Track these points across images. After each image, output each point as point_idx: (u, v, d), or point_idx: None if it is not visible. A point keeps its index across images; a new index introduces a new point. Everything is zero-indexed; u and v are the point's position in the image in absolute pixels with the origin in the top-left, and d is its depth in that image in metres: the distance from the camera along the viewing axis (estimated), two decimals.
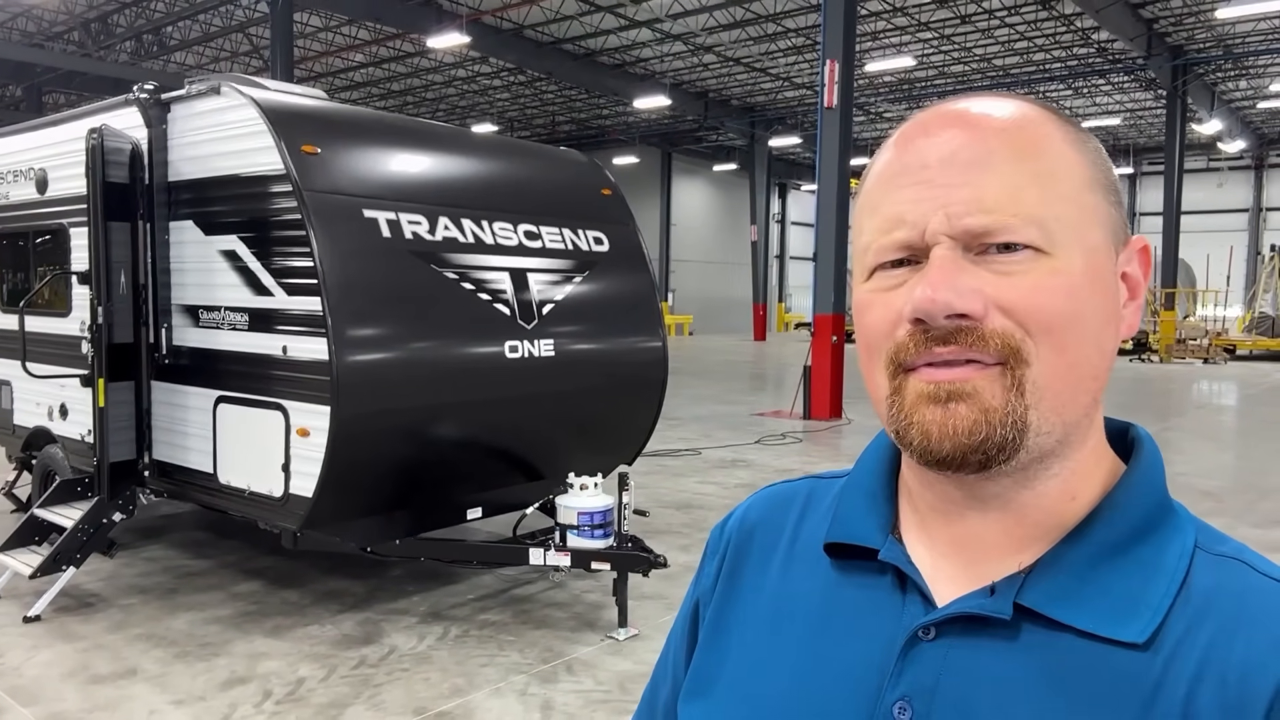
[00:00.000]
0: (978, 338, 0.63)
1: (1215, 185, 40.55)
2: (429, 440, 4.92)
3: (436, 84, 30.46)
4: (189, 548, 6.27)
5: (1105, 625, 0.63)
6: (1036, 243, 0.63)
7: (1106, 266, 0.66)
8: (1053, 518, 0.67)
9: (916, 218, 0.65)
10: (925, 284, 0.63)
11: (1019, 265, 0.63)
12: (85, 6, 23.26)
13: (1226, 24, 23.20)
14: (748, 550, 0.83)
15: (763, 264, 34.90)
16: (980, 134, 0.65)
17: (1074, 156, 0.66)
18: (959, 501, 0.69)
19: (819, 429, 12.23)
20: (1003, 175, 0.64)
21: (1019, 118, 0.66)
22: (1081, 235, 0.65)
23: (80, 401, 5.70)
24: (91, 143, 5.08)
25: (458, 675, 4.29)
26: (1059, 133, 0.67)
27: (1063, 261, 0.63)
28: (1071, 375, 0.64)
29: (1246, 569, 0.65)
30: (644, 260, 6.26)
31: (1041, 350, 0.63)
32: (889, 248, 0.67)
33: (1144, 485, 0.69)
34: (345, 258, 4.54)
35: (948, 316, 0.63)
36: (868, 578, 0.73)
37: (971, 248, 0.64)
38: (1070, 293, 0.63)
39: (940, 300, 0.62)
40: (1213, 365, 24.02)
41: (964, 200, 0.63)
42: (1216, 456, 10.54)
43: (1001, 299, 0.63)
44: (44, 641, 4.61)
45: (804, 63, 27.18)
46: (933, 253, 0.64)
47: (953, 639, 0.66)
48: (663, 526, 6.89)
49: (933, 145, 0.66)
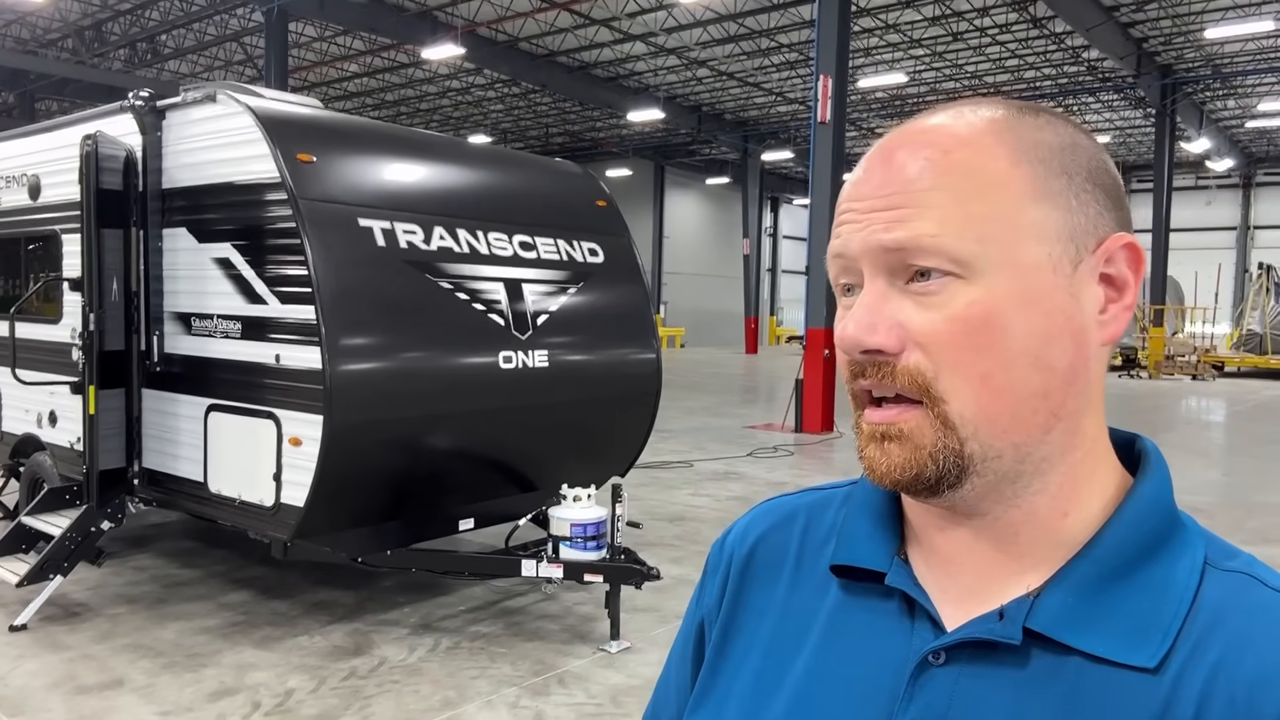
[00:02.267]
0: (888, 373, 0.65)
1: (1204, 203, 40.84)
2: (422, 450, 4.90)
3: (431, 95, 30.49)
4: (177, 557, 6.22)
5: (1116, 649, 0.62)
6: (953, 269, 0.63)
7: (1046, 281, 0.63)
8: (1049, 535, 0.66)
9: (845, 247, 0.67)
10: (846, 318, 0.66)
11: (936, 296, 0.63)
12: (80, 14, 23.23)
13: (1215, 44, 23.43)
14: (751, 568, 0.82)
15: (754, 277, 34.99)
16: (903, 163, 0.65)
17: (1013, 172, 0.64)
18: (945, 519, 0.69)
19: (811, 442, 12.24)
20: (924, 198, 0.64)
21: (963, 135, 0.65)
22: (1012, 256, 0.63)
23: (70, 409, 5.66)
24: (86, 149, 5.06)
25: (449, 687, 4.25)
26: (1001, 147, 0.64)
27: (983, 289, 0.62)
28: (1004, 401, 0.63)
29: (1256, 584, 0.64)
30: (638, 272, 6.26)
31: (958, 384, 0.63)
32: (837, 272, 0.69)
33: (1152, 501, 0.67)
34: (339, 266, 4.52)
35: (863, 352, 0.65)
36: (875, 600, 0.72)
37: (898, 274, 0.64)
38: (988, 322, 0.62)
39: (848, 337, 0.65)
40: (1201, 382, 24.14)
41: (883, 221, 0.64)
42: (1205, 473, 10.58)
43: (919, 333, 0.64)
44: (30, 651, 4.56)
45: (797, 78, 27.33)
46: (864, 286, 0.66)
47: (963, 664, 0.65)
48: (655, 539, 6.88)
49: (863, 178, 0.68)
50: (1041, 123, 0.67)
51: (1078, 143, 0.67)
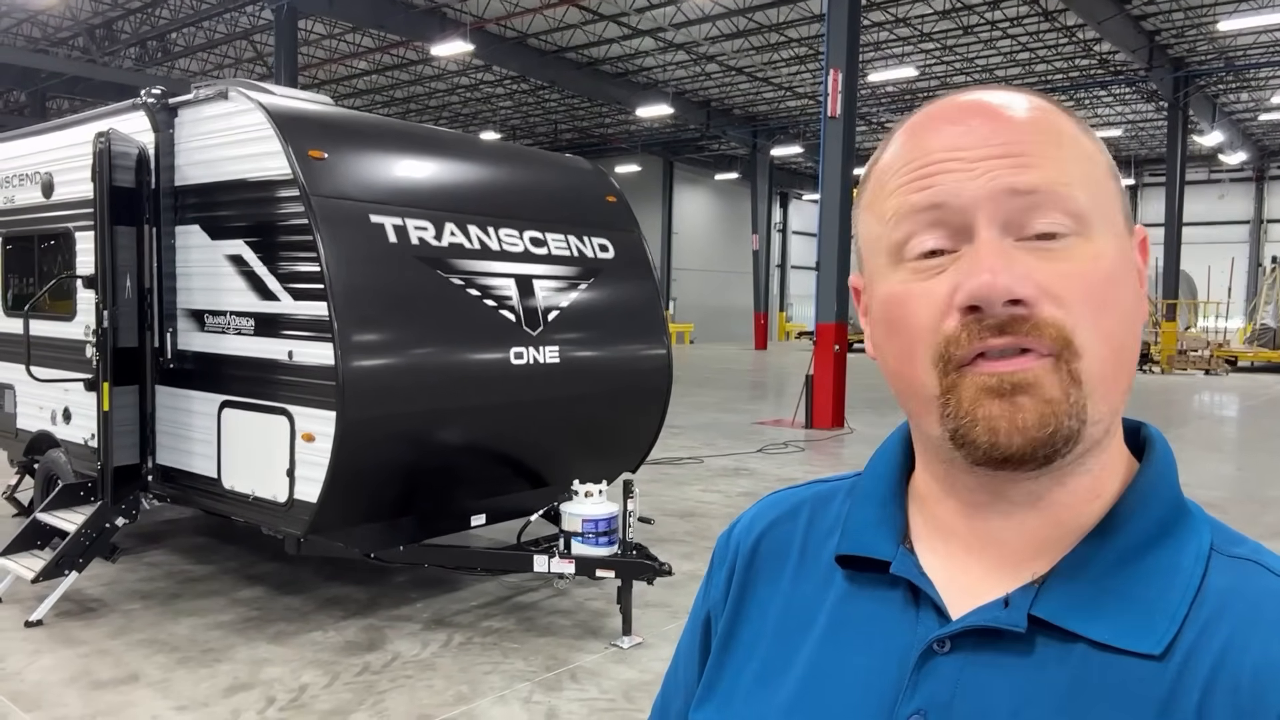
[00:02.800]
0: (1033, 326, 0.60)
1: (1216, 197, 40.60)
2: (434, 446, 4.91)
3: (440, 91, 30.52)
4: (191, 553, 6.25)
5: (1121, 636, 0.61)
6: (1077, 227, 0.62)
7: (1129, 254, 0.66)
8: (1077, 518, 0.66)
9: (952, 195, 0.62)
10: (981, 268, 0.60)
11: (1064, 249, 0.61)
12: (90, 12, 23.32)
13: (1228, 37, 23.26)
14: (757, 560, 0.82)
15: (764, 273, 34.92)
16: (1008, 118, 0.64)
17: (1093, 145, 0.66)
18: (984, 505, 0.67)
19: (821, 438, 12.22)
20: (1046, 150, 0.63)
21: (1038, 106, 0.66)
22: (1112, 220, 0.65)
23: (84, 406, 5.69)
24: (99, 147, 5.08)
25: (461, 682, 4.27)
26: (1074, 123, 0.66)
27: (1101, 245, 0.63)
28: (1117, 361, 0.63)
29: (1262, 571, 0.64)
30: (648, 267, 6.25)
31: (1092, 339, 0.61)
32: (921, 230, 0.63)
33: (1158, 487, 0.67)
34: (351, 263, 4.53)
35: (1005, 303, 0.60)
36: (880, 590, 0.71)
37: (1012, 229, 0.61)
38: (1110, 278, 0.62)
39: (1000, 285, 0.59)
40: (1214, 377, 24.00)
41: (1006, 166, 0.62)
42: (1219, 468, 10.52)
43: (1051, 286, 0.60)
44: (46, 646, 4.59)
45: (806, 73, 27.24)
46: (980, 234, 0.61)
47: (968, 652, 0.65)
48: (666, 535, 6.88)
49: (960, 130, 0.64)
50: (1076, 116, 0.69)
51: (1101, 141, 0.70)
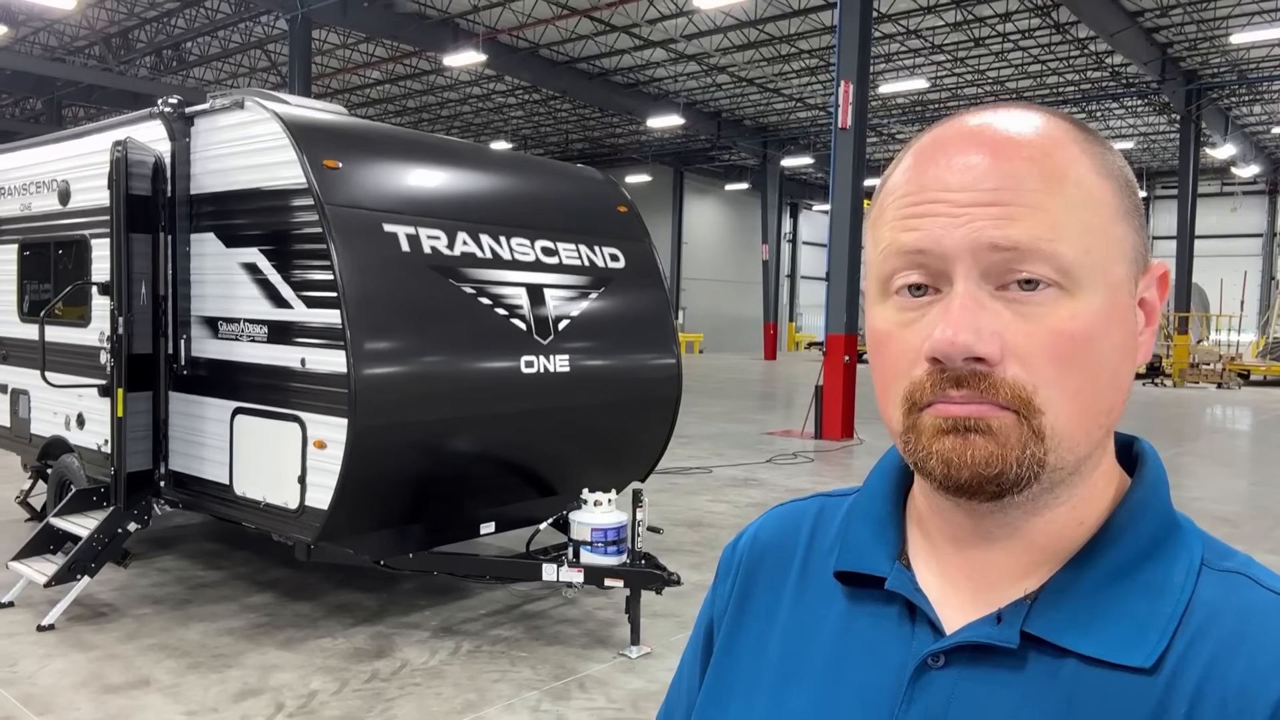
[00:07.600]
0: (990, 385, 0.61)
1: (1229, 210, 40.41)
2: (444, 454, 4.92)
3: (452, 101, 30.68)
4: (202, 559, 6.28)
5: (1112, 651, 0.62)
6: (1061, 280, 0.61)
7: (1126, 300, 0.65)
8: (1060, 542, 0.67)
9: (934, 242, 0.62)
10: (946, 323, 0.61)
11: (1040, 306, 0.61)
12: (106, 22, 23.55)
13: (1241, 49, 23.20)
14: (759, 573, 0.83)
15: (774, 283, 34.91)
16: (1006, 158, 0.62)
17: (1103, 185, 0.64)
18: (969, 530, 0.69)
19: (831, 449, 12.20)
20: (1036, 199, 0.61)
21: (1046, 140, 0.63)
22: (1106, 271, 0.63)
23: (98, 411, 5.73)
24: (116, 155, 5.14)
25: (470, 690, 4.27)
26: (1086, 158, 0.64)
27: (1083, 303, 0.61)
28: (1086, 416, 0.63)
29: (1251, 584, 0.64)
30: (659, 277, 6.27)
31: (1054, 397, 0.61)
32: (906, 269, 0.64)
33: (1150, 503, 0.68)
34: (365, 271, 4.56)
35: (965, 359, 0.61)
36: (878, 605, 0.72)
37: (992, 278, 0.61)
38: (1087, 337, 0.62)
39: (960, 343, 0.60)
40: (1226, 390, 23.87)
41: (989, 217, 0.61)
42: (1231, 482, 10.45)
43: (1018, 346, 0.61)
44: (57, 650, 4.62)
45: (816, 84, 27.29)
46: (956, 286, 0.62)
47: (961, 667, 0.66)
48: (674, 544, 6.88)
49: (954, 167, 0.63)
50: (1094, 138, 0.66)
51: (1124, 165, 0.67)
